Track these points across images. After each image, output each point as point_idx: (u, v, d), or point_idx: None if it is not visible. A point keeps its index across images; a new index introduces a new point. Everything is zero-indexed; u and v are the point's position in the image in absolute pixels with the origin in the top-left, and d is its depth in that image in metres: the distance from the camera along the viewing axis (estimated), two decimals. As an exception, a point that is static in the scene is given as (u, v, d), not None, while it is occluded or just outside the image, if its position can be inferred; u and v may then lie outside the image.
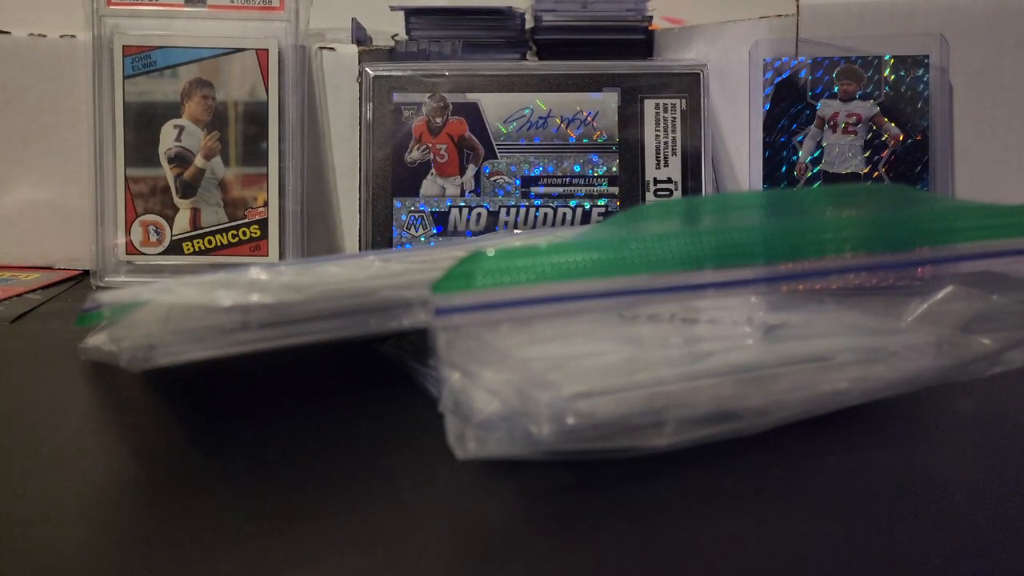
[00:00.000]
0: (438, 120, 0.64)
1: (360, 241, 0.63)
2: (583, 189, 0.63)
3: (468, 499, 0.33)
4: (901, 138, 0.62)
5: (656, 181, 0.63)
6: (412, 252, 0.44)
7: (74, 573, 0.29)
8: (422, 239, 0.63)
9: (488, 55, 0.69)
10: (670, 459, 0.32)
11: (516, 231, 0.61)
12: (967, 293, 0.37)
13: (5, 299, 0.60)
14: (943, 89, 0.63)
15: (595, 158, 0.63)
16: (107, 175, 0.63)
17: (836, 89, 0.62)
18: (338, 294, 0.39)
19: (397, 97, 0.64)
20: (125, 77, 0.63)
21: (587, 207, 0.63)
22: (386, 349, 0.45)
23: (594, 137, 0.64)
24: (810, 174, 0.62)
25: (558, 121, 0.64)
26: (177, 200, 0.64)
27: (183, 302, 0.37)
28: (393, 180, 0.63)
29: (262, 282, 0.38)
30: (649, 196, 0.63)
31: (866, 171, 0.62)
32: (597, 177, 0.63)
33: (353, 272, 0.41)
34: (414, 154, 0.63)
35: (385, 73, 0.64)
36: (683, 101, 0.63)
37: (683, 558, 0.29)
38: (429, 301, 0.30)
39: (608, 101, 0.64)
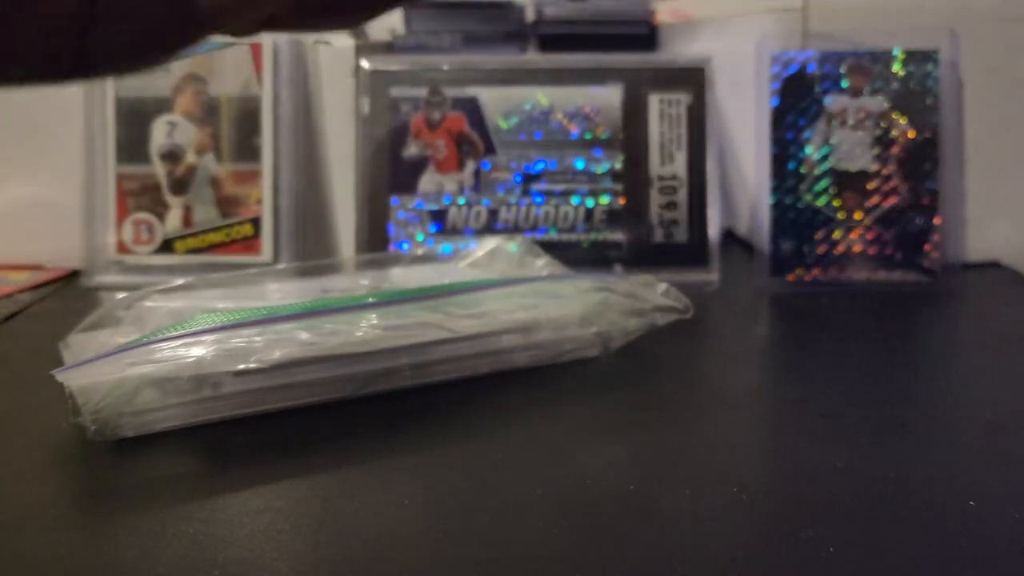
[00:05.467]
0: (436, 115, 0.62)
1: (356, 240, 0.62)
2: (586, 186, 0.62)
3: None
4: (911, 134, 0.61)
5: (661, 178, 0.62)
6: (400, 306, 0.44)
7: (63, 574, 0.29)
8: (420, 237, 0.62)
9: (488, 48, 0.68)
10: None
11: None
12: None
13: (-8, 299, 0.59)
14: (954, 84, 0.62)
15: (598, 154, 0.62)
16: (98, 172, 0.63)
17: (845, 84, 0.61)
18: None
19: (394, 92, 0.63)
20: (116, 72, 0.62)
21: (590, 204, 0.62)
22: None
23: (597, 132, 0.62)
24: (818, 171, 0.61)
25: (560, 116, 0.63)
26: (169, 197, 0.63)
27: (152, 375, 0.37)
28: (390, 177, 0.62)
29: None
30: (653, 193, 0.62)
31: (875, 168, 0.61)
32: (600, 174, 0.62)
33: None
34: (412, 150, 0.62)
35: (382, 67, 0.63)
36: (688, 96, 0.62)
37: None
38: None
39: (612, 95, 0.63)
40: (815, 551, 0.29)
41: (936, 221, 0.61)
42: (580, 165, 0.62)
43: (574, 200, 0.62)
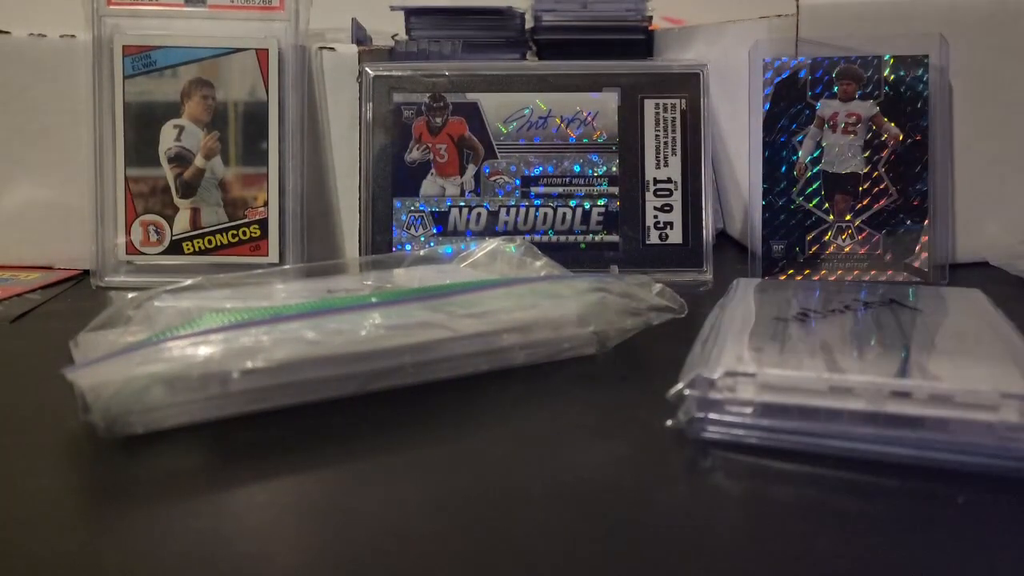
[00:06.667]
0: (438, 120, 0.63)
1: (360, 242, 0.63)
2: (583, 189, 0.63)
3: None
4: (901, 138, 0.62)
5: (656, 181, 0.63)
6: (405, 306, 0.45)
7: (73, 572, 0.29)
8: (422, 239, 0.63)
9: (488, 55, 0.69)
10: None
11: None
12: None
13: (5, 299, 0.60)
14: (943, 89, 0.63)
15: (595, 158, 0.63)
16: (107, 175, 0.63)
17: (836, 89, 0.62)
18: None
19: (397, 97, 0.64)
20: (125, 77, 0.63)
21: (587, 207, 0.63)
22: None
23: (594, 137, 0.64)
24: (810, 174, 0.62)
25: (558, 121, 0.64)
26: (177, 200, 0.64)
27: (161, 373, 0.38)
28: (393, 180, 0.63)
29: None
30: (649, 196, 0.63)
31: (866, 171, 0.62)
32: (597, 177, 0.63)
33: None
34: (414, 154, 0.63)
35: (385, 73, 0.64)
36: (683, 101, 0.63)
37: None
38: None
39: (608, 101, 0.64)
40: (805, 540, 0.30)
41: (925, 222, 0.62)
42: (577, 169, 0.63)
43: (572, 202, 0.63)
